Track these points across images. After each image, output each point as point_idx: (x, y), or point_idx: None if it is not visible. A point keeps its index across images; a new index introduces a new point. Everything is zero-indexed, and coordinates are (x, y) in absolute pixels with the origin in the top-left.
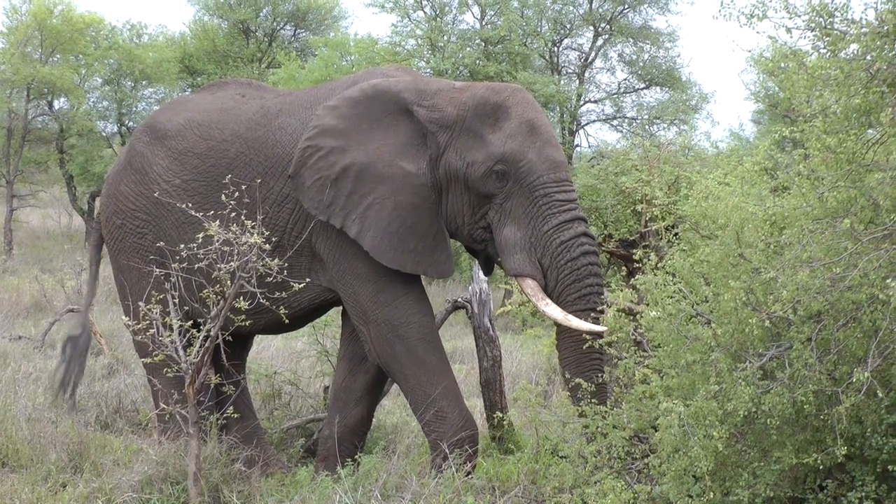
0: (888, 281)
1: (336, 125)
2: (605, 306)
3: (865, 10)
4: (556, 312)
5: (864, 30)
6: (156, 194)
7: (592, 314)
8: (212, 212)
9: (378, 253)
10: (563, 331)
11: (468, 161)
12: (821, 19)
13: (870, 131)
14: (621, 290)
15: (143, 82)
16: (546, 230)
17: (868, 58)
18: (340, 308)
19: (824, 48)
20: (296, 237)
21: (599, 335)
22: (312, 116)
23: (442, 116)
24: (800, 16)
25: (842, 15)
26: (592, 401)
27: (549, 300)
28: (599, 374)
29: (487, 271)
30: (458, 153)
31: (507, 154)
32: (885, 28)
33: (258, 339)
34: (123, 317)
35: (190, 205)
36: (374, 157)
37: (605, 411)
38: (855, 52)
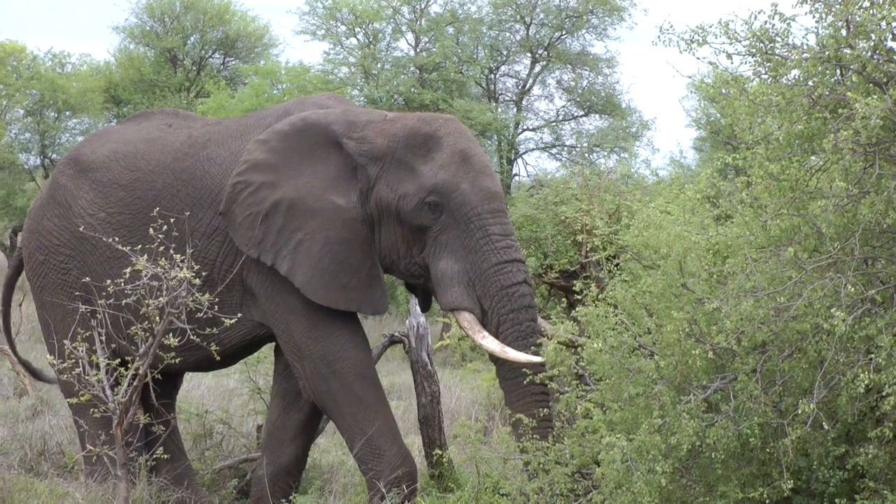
0: (833, 310)
1: (266, 159)
2: (544, 338)
3: (806, 35)
4: (494, 345)
5: (805, 55)
6: (80, 229)
7: (532, 348)
8: (139, 246)
9: (310, 290)
10: (503, 364)
11: (400, 193)
12: (761, 44)
13: (813, 158)
14: (562, 323)
15: (67, 113)
16: (485, 268)
17: (810, 83)
18: (273, 344)
19: (766, 74)
20: (226, 271)
21: (540, 367)
22: (242, 147)
23: (372, 148)
24: (740, 41)
25: (783, 40)
26: (534, 436)
27: (485, 333)
28: (542, 409)
29: (425, 306)
30: (390, 185)
31: (439, 185)
32: (826, 53)
33: (188, 376)
34: (48, 355)
35: (116, 239)
36: (304, 192)
37: (547, 447)
38: (796, 77)
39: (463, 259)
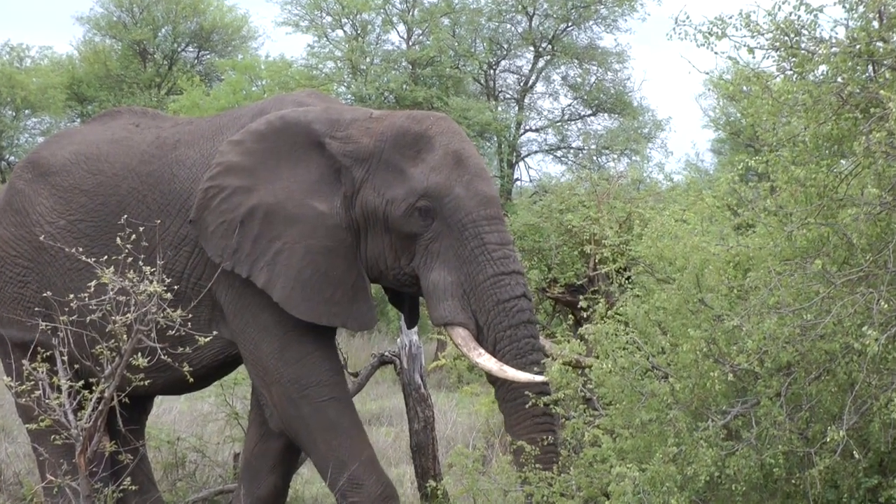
0: (864, 328)
1: (240, 162)
2: (548, 359)
3: (835, 27)
4: (491, 363)
5: (833, 49)
6: (40, 238)
7: (547, 387)
8: (104, 257)
9: (290, 304)
10: (502, 385)
11: (387, 198)
12: (786, 38)
13: (842, 162)
14: (568, 342)
15: (26, 111)
16: (481, 280)
17: (839, 80)
18: None
19: (790, 70)
20: (195, 284)
21: (542, 388)
22: (214, 149)
23: (357, 149)
24: (763, 34)
25: (809, 33)
26: (537, 466)
27: (482, 350)
28: (546, 436)
29: (411, 322)
30: (376, 189)
31: (430, 189)
32: (857, 48)
33: (159, 400)
34: (5, 377)
35: (80, 249)
36: (282, 197)
37: (552, 477)
38: (824, 73)
39: (456, 270)
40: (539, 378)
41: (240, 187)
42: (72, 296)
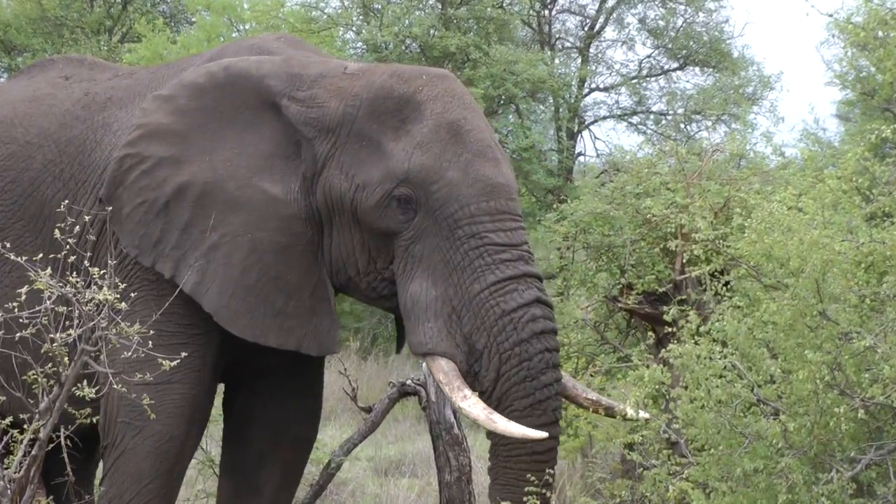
0: None
1: (169, 124)
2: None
3: None
4: (477, 409)
5: None
6: None
7: (553, 429)
8: (22, 255)
9: (226, 317)
10: (498, 441)
11: (358, 182)
12: None
13: None
14: (647, 367)
15: None
16: (477, 291)
17: None
18: (223, 397)
19: None
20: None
21: (549, 447)
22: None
23: (322, 115)
24: None
25: None
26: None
27: (467, 391)
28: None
29: (399, 343)
30: (344, 170)
31: (413, 171)
32: None
33: None
34: None
35: (7, 245)
36: (222, 174)
37: None
38: None
39: (444, 280)
40: (536, 434)
41: (166, 158)
42: None
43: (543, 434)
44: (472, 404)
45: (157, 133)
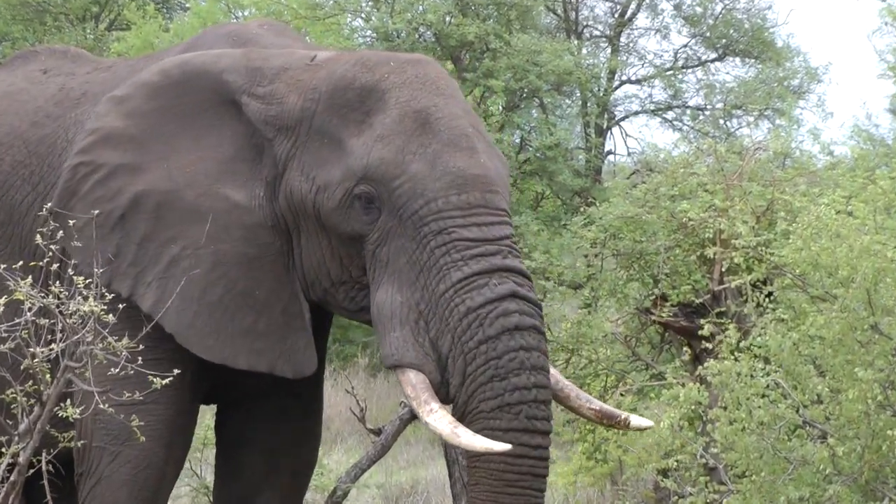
0: None
1: (123, 129)
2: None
3: None
4: (443, 423)
5: None
6: None
7: (526, 437)
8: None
9: (190, 338)
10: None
11: (319, 183)
12: None
13: None
14: (682, 385)
15: None
16: (442, 291)
17: None
18: (215, 420)
19: None
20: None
21: (531, 466)
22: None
23: (281, 112)
24: None
25: None
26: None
27: (435, 405)
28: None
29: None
30: (305, 171)
31: (372, 167)
32: None
33: None
34: None
35: None
36: (181, 182)
37: None
38: None
39: (411, 284)
40: (500, 446)
41: (121, 166)
42: None
43: (506, 446)
44: (437, 419)
45: (110, 138)
